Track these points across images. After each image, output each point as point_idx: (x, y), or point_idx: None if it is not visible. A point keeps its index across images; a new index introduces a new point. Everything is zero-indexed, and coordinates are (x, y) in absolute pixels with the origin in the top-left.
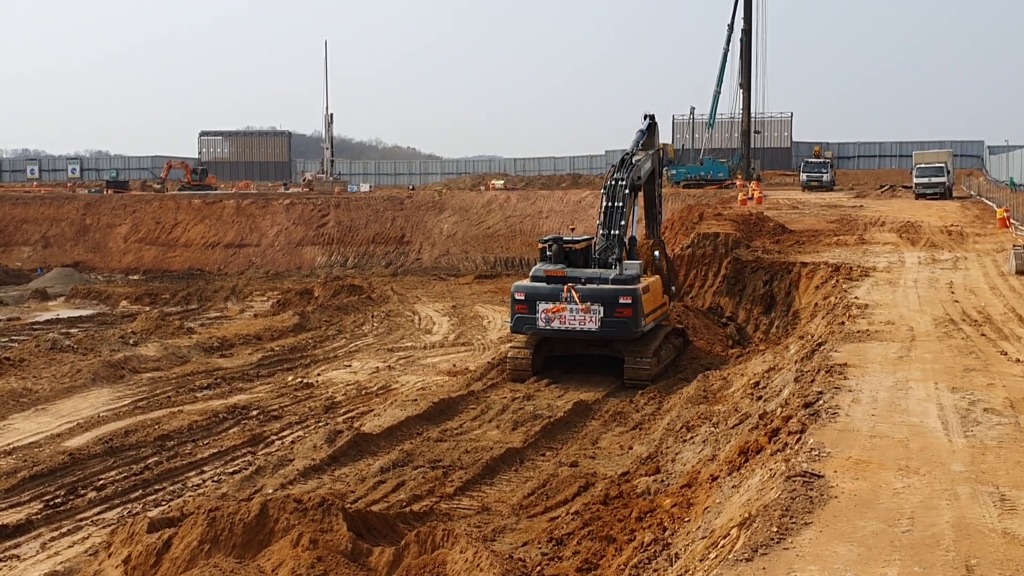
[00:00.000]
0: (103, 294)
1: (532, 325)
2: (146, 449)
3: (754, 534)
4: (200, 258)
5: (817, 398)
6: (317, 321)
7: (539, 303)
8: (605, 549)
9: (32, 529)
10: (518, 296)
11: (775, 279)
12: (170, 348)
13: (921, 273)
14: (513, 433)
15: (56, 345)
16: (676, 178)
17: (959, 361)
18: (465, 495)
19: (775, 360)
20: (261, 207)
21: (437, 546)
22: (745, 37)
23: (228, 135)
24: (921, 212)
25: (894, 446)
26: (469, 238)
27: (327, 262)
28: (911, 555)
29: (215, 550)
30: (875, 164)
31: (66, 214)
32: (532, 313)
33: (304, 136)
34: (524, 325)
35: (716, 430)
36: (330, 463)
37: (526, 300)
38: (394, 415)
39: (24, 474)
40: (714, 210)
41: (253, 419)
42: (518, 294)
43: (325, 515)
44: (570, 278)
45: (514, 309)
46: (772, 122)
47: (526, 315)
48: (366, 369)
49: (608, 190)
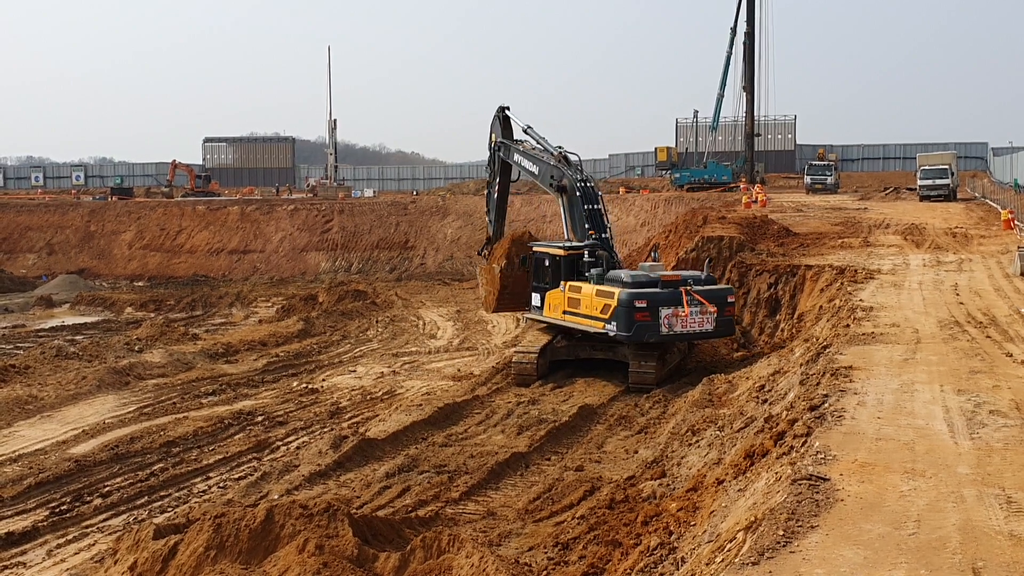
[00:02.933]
0: (108, 301)
1: (655, 332)
2: (152, 456)
3: (760, 538)
4: (205, 264)
5: (822, 401)
6: (322, 327)
7: (661, 309)
8: (611, 553)
9: (38, 536)
10: (639, 304)
11: (780, 282)
12: (175, 355)
13: (926, 275)
14: (518, 438)
15: (61, 352)
16: (680, 181)
17: (964, 363)
18: (471, 500)
19: (780, 363)
20: (265, 213)
21: (443, 551)
22: (748, 40)
23: (232, 141)
24: (925, 214)
25: (900, 449)
26: (473, 243)
27: (331, 267)
28: (918, 558)
29: (221, 556)
30: (879, 166)
31: (71, 221)
32: (655, 320)
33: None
34: (647, 333)
35: (722, 434)
36: (335, 469)
37: (648, 307)
38: (399, 420)
39: (30, 481)
40: (718, 213)
41: (258, 425)
42: (638, 302)
43: (331, 521)
44: (683, 281)
45: (632, 318)
46: (776, 125)
47: (648, 323)
48: (371, 374)
49: (582, 192)
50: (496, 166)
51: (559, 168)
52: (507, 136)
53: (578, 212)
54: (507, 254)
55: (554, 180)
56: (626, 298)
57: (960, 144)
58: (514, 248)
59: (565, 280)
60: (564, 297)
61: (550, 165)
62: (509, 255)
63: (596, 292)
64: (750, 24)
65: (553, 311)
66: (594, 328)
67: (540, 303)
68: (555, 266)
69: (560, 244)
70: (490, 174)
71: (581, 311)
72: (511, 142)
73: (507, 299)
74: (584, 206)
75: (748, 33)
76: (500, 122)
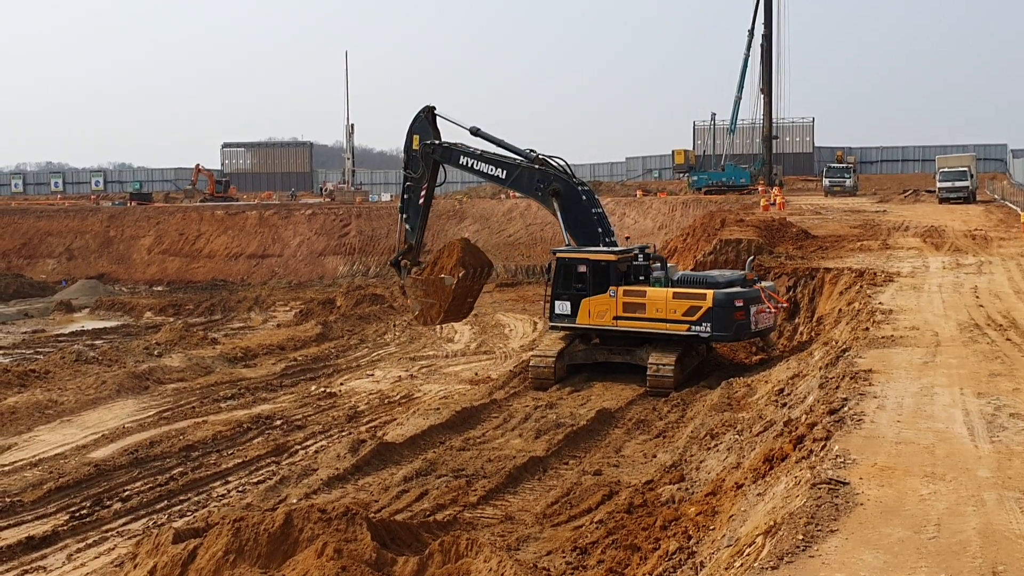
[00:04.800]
0: (127, 305)
1: (748, 330)
2: (171, 460)
3: (780, 542)
4: (223, 269)
5: (842, 404)
6: (339, 331)
7: (751, 307)
8: (630, 558)
9: (58, 540)
10: (738, 304)
11: (798, 285)
12: (194, 359)
13: (945, 278)
14: (536, 441)
15: (81, 357)
16: (698, 184)
17: (984, 366)
18: (488, 504)
19: (799, 367)
20: (283, 218)
21: (461, 555)
22: (766, 42)
23: (250, 146)
24: (945, 216)
25: (920, 452)
26: (490, 246)
27: (349, 271)
28: (938, 562)
29: (240, 560)
30: (898, 168)
31: (90, 226)
32: (747, 318)
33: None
34: (743, 331)
35: (740, 437)
36: (354, 472)
37: (744, 306)
38: (417, 424)
39: (50, 485)
40: (736, 216)
41: (277, 429)
42: (737, 301)
43: (349, 525)
44: (754, 280)
45: (732, 318)
46: (794, 127)
47: (744, 320)
48: (388, 378)
49: (587, 196)
50: (423, 171)
51: (544, 172)
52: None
53: (582, 216)
54: (461, 262)
55: (542, 185)
56: (724, 299)
57: (979, 146)
58: (467, 256)
59: (615, 285)
60: (616, 303)
61: (524, 168)
62: (464, 263)
63: (673, 295)
64: (767, 26)
65: (598, 318)
66: (675, 331)
67: (571, 311)
68: (600, 272)
69: (604, 250)
70: (411, 179)
71: (648, 315)
72: (452, 144)
73: (453, 310)
74: (592, 210)
75: (766, 35)
76: (429, 123)
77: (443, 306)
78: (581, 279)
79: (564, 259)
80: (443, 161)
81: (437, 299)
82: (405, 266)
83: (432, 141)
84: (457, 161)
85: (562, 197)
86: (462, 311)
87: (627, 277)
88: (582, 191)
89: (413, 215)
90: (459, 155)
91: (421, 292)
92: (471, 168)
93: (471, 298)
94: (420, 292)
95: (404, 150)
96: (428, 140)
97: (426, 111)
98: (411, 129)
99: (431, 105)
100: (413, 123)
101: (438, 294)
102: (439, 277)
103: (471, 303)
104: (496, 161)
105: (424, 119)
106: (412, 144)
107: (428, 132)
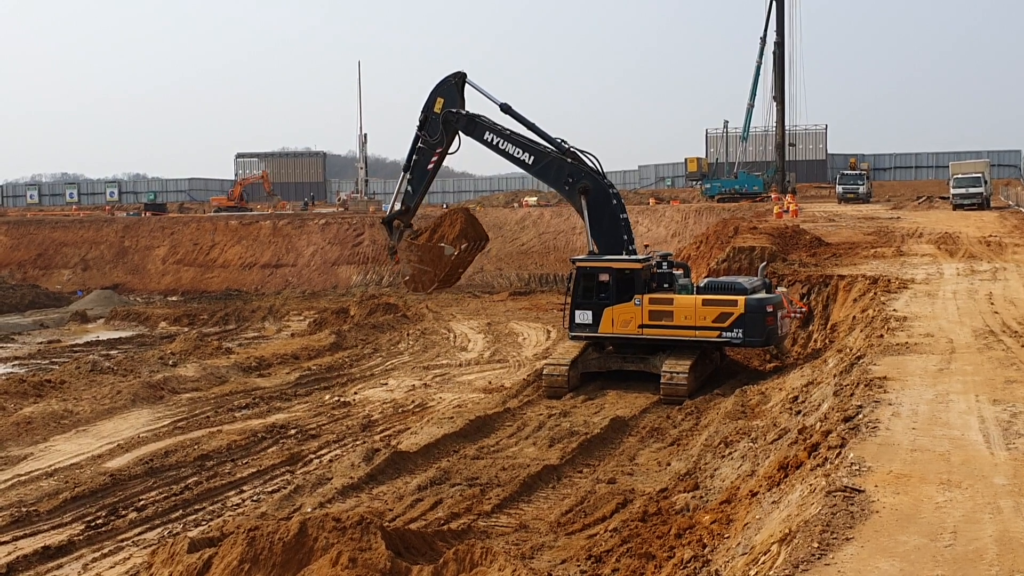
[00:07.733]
0: (142, 315)
1: (776, 335)
2: (186, 469)
3: (795, 550)
4: (237, 278)
5: (857, 412)
6: (353, 340)
7: (778, 312)
8: (644, 566)
9: (74, 550)
10: (769, 309)
11: (812, 292)
12: (209, 368)
13: (960, 284)
14: (550, 450)
15: (96, 367)
16: (711, 192)
17: (1000, 373)
18: (503, 513)
19: (813, 374)
20: (297, 227)
21: (475, 564)
22: (778, 49)
23: (264, 156)
24: (959, 223)
25: (935, 460)
26: (503, 255)
27: (362, 281)
28: (954, 570)
29: (255, 570)
30: (911, 175)
31: (105, 237)
32: (776, 323)
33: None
34: (773, 336)
35: (755, 445)
36: (368, 481)
37: (774, 311)
38: (431, 433)
39: (66, 495)
40: (749, 223)
41: (291, 438)
42: (769, 307)
43: (364, 533)
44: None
45: (765, 323)
46: (807, 134)
47: (773, 326)
48: (402, 387)
49: (617, 200)
50: (441, 137)
51: (575, 166)
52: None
53: (608, 220)
54: (464, 234)
55: (571, 179)
56: (756, 304)
57: (993, 152)
58: (469, 228)
59: (640, 293)
60: (641, 311)
61: (554, 157)
62: (467, 235)
63: (703, 301)
64: (780, 33)
65: (622, 327)
66: (704, 338)
67: (593, 320)
68: (624, 281)
69: (628, 258)
70: (426, 142)
71: (676, 322)
72: (479, 117)
73: (446, 279)
74: (620, 215)
75: (778, 43)
76: (457, 90)
77: (437, 274)
78: (604, 288)
79: (585, 268)
80: (466, 133)
81: (433, 267)
82: (398, 227)
83: (457, 109)
84: (481, 136)
85: (591, 196)
86: (451, 280)
87: (649, 285)
88: (612, 193)
89: (418, 178)
90: (485, 130)
91: (415, 257)
92: (495, 146)
93: (462, 268)
94: (415, 257)
95: (423, 109)
96: (453, 107)
97: (456, 76)
98: (437, 91)
99: (463, 72)
100: (441, 85)
101: (435, 262)
102: (439, 246)
103: (461, 273)
104: (525, 144)
105: (453, 85)
106: (435, 106)
107: (455, 99)
